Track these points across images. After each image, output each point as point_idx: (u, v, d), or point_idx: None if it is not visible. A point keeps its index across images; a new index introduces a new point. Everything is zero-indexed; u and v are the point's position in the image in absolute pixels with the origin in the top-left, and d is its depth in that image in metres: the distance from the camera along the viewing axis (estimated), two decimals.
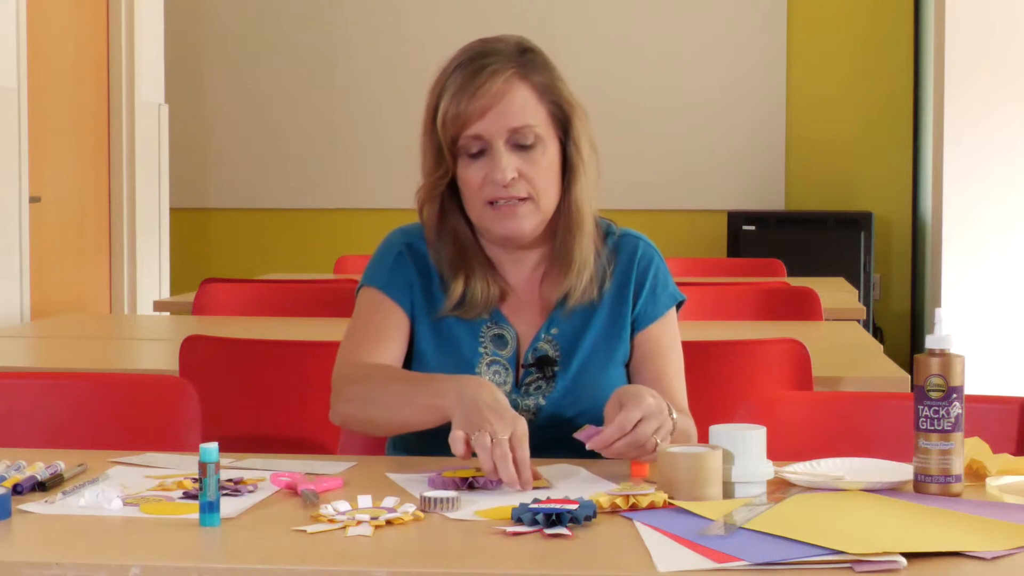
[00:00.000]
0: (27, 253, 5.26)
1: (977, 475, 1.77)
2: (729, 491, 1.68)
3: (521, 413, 1.90)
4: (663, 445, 1.77)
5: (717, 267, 5.71)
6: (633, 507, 1.60)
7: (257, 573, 1.39)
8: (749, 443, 1.70)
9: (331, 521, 1.55)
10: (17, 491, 1.67)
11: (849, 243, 7.02)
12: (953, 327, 6.01)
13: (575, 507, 1.54)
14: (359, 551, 1.45)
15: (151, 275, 6.40)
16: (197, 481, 1.62)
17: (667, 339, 2.14)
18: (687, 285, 2.43)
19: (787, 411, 2.15)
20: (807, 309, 3.93)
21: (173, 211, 6.89)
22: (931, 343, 1.70)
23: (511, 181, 2.03)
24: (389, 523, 1.54)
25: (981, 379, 5.97)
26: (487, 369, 2.08)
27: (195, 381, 2.28)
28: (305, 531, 1.51)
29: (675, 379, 2.12)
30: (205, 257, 7.85)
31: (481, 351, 2.09)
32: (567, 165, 2.09)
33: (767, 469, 1.70)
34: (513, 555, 1.44)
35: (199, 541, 1.50)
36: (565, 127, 2.08)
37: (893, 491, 1.71)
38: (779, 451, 1.82)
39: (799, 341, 2.66)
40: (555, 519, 1.52)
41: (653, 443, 1.78)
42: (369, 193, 7.65)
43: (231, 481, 1.72)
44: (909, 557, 1.40)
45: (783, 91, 7.48)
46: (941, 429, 1.67)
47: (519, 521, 1.53)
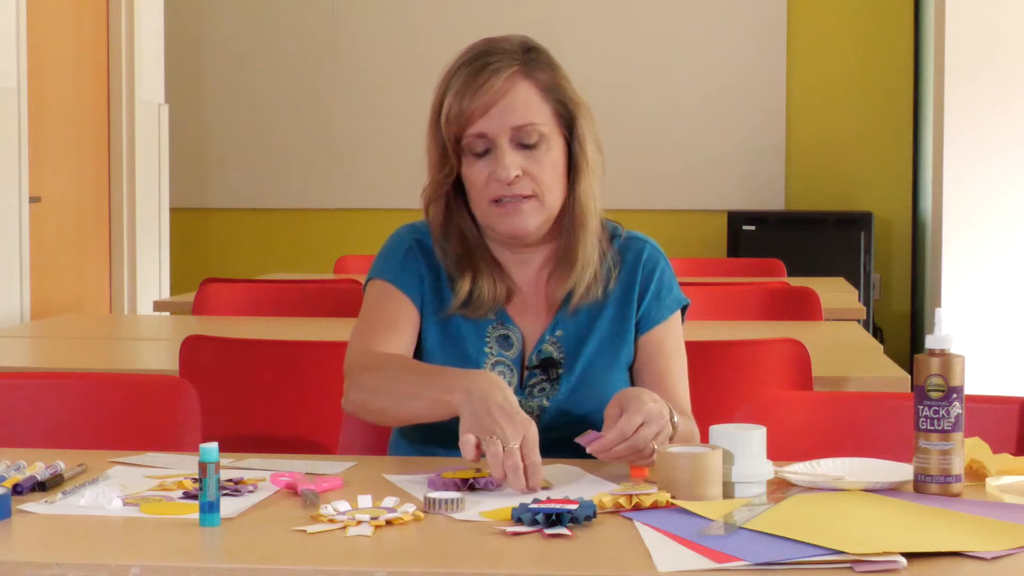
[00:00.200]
0: (27, 253, 5.26)
1: (977, 475, 1.77)
2: (729, 491, 1.68)
3: None
4: (661, 449, 1.77)
5: (717, 267, 5.71)
6: (636, 507, 1.60)
7: (257, 573, 1.39)
8: (749, 443, 1.70)
9: (331, 521, 1.55)
10: (17, 491, 1.67)
11: (849, 243, 7.02)
12: (953, 327, 6.01)
13: (575, 507, 1.53)
14: (359, 551, 1.45)
15: (151, 275, 6.40)
16: (197, 481, 1.62)
17: (671, 342, 2.14)
18: (687, 285, 2.43)
19: (787, 411, 2.15)
20: (807, 309, 3.93)
21: (173, 211, 6.88)
22: (931, 343, 1.70)
23: (515, 179, 2.02)
24: (389, 523, 1.54)
25: (981, 379, 5.97)
26: (492, 370, 2.07)
27: (195, 381, 2.28)
28: (305, 531, 1.51)
29: (678, 382, 2.12)
30: (205, 257, 7.85)
31: (487, 351, 2.09)
32: (572, 164, 2.09)
33: (767, 469, 1.70)
34: (513, 555, 1.44)
35: (199, 541, 1.50)
36: (570, 126, 2.08)
37: (893, 491, 1.71)
38: (779, 451, 1.82)
39: (799, 341, 2.66)
40: (555, 519, 1.52)
41: (651, 448, 1.78)
42: (369, 193, 7.65)
43: (231, 481, 1.72)
44: (909, 557, 1.40)
45: (783, 91, 7.48)
46: (941, 429, 1.67)
47: (519, 521, 1.53)
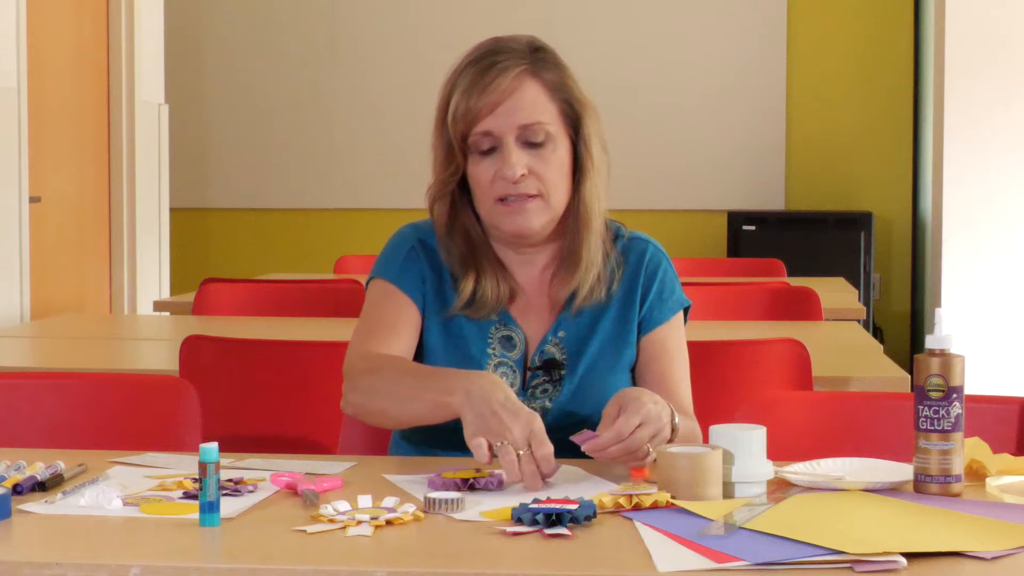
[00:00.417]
0: (27, 253, 5.26)
1: (977, 475, 1.77)
2: (729, 491, 1.68)
3: None
4: (655, 454, 1.78)
5: (717, 267, 5.71)
6: (636, 507, 1.60)
7: (257, 573, 1.38)
8: (749, 443, 1.70)
9: (331, 521, 1.55)
10: (17, 491, 1.67)
11: (849, 243, 7.02)
12: (953, 327, 6.00)
13: (575, 507, 1.53)
14: (359, 551, 1.45)
15: (151, 275, 6.40)
16: (197, 481, 1.62)
17: (673, 342, 2.13)
18: (687, 285, 2.43)
19: (787, 411, 2.15)
20: (807, 309, 3.93)
21: (173, 211, 6.88)
22: (931, 343, 1.70)
23: (521, 178, 2.02)
24: (389, 523, 1.54)
25: (981, 379, 5.97)
26: (494, 371, 2.07)
27: (195, 381, 2.28)
28: (305, 531, 1.51)
29: (680, 382, 2.12)
30: (205, 257, 7.85)
31: (489, 352, 2.09)
32: (577, 164, 2.09)
33: (767, 469, 1.70)
34: (513, 555, 1.44)
35: (199, 541, 1.50)
36: (576, 126, 2.08)
37: (893, 491, 1.71)
38: (779, 451, 1.82)
39: (799, 341, 2.66)
40: (555, 519, 1.52)
41: (646, 450, 1.78)
42: (369, 193, 7.65)
43: (231, 481, 1.72)
44: (909, 557, 1.40)
45: (783, 91, 7.48)
46: (941, 429, 1.67)
47: (519, 521, 1.53)
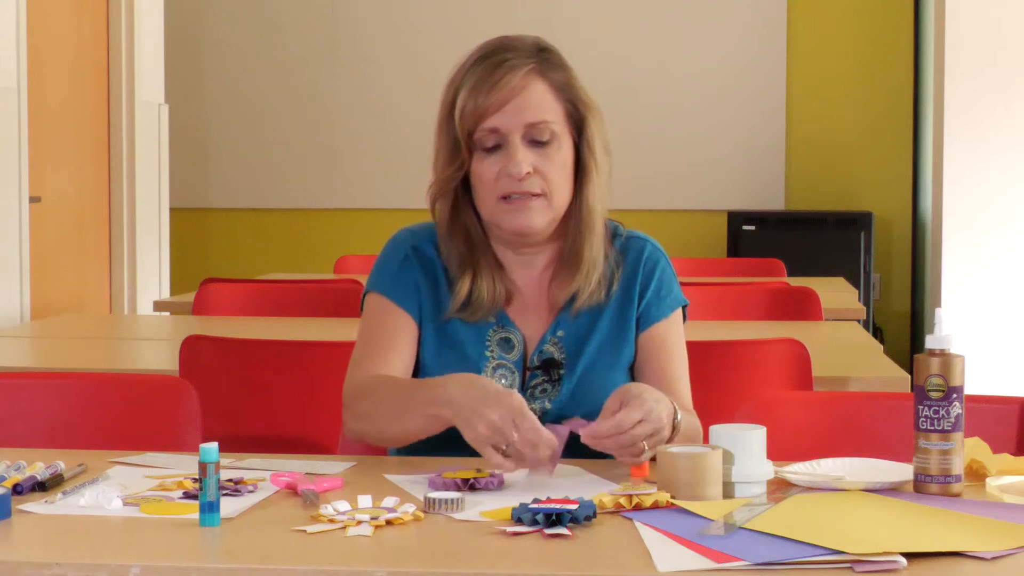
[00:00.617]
0: (27, 253, 5.26)
1: (977, 475, 1.77)
2: (729, 491, 1.68)
3: None
4: (649, 453, 1.78)
5: (717, 267, 5.71)
6: (636, 507, 1.60)
7: (257, 573, 1.39)
8: (749, 443, 1.70)
9: (331, 521, 1.55)
10: (17, 491, 1.67)
11: (849, 243, 7.02)
12: (953, 327, 6.00)
13: (575, 507, 1.53)
14: (359, 551, 1.45)
15: (151, 275, 6.40)
16: (197, 481, 1.62)
17: (672, 339, 2.13)
18: (687, 285, 2.43)
19: (787, 411, 2.15)
20: (807, 309, 3.93)
21: (173, 211, 6.88)
22: (931, 343, 1.70)
23: (526, 176, 2.02)
24: (389, 523, 1.54)
25: (981, 379, 5.97)
26: (493, 373, 2.07)
27: (195, 381, 2.28)
28: (305, 531, 1.51)
29: (679, 379, 2.12)
30: (205, 257, 7.84)
31: (488, 355, 2.08)
32: (580, 165, 2.09)
33: (767, 469, 1.70)
34: (513, 555, 1.44)
35: (199, 541, 1.50)
36: (580, 127, 2.08)
37: (893, 491, 1.71)
38: (779, 451, 1.82)
39: (799, 341, 2.66)
40: (555, 519, 1.52)
41: (641, 448, 1.78)
42: (369, 193, 7.65)
43: (231, 481, 1.72)
44: (909, 557, 1.40)
45: (783, 91, 7.47)
46: (941, 429, 1.67)
47: (519, 521, 1.53)
